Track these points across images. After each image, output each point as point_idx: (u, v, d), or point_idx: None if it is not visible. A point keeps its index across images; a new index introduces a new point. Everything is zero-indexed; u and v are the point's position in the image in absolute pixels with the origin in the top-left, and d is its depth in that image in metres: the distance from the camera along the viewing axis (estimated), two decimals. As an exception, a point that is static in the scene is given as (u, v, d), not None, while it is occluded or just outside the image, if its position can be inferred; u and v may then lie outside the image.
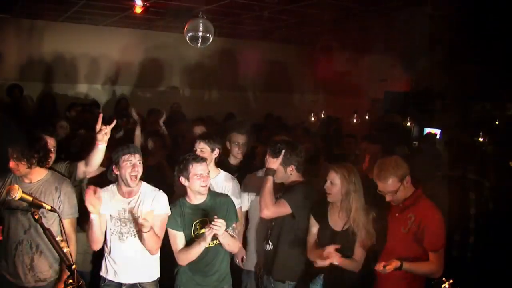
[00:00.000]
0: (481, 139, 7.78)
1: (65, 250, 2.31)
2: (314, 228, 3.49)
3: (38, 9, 7.41)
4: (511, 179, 5.17)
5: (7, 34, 8.12)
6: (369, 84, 12.00)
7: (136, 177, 3.29)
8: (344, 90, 11.22)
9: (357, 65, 11.81)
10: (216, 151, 3.98)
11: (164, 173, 4.80)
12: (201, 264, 3.36)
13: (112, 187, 3.41)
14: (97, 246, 3.29)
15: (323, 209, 3.50)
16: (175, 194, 3.74)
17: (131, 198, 3.36)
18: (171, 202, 3.45)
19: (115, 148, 3.38)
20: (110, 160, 3.39)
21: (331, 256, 3.16)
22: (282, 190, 3.65)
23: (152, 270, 3.47)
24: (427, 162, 5.39)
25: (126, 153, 3.29)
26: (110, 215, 3.34)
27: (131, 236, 3.33)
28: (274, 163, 3.54)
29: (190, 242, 3.32)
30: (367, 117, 11.06)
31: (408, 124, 9.28)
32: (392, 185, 3.17)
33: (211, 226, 3.05)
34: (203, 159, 3.39)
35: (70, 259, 2.31)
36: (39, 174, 3.26)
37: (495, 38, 7.75)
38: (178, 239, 3.34)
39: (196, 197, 3.37)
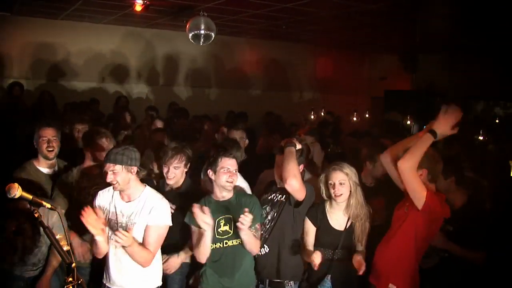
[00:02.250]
0: (481, 138, 7.79)
1: (65, 248, 2.31)
2: (311, 230, 3.50)
3: (38, 7, 7.40)
4: (510, 178, 5.19)
5: (7, 32, 8.11)
6: (369, 82, 12.04)
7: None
8: (344, 88, 11.25)
9: (356, 63, 11.85)
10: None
11: None
12: (224, 263, 3.29)
13: (113, 190, 3.21)
14: (102, 255, 3.18)
15: (321, 211, 3.51)
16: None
17: (130, 202, 3.15)
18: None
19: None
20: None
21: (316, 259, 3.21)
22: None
23: (150, 279, 3.25)
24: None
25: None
26: (108, 219, 3.15)
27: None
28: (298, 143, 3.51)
29: (212, 238, 3.21)
30: (367, 115, 11.09)
31: (408, 122, 9.28)
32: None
33: (240, 219, 3.00)
34: (233, 156, 3.37)
35: (70, 257, 2.31)
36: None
37: (496, 36, 7.76)
38: (197, 235, 3.24)
39: (222, 194, 3.33)
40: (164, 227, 3.16)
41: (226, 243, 3.27)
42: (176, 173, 3.65)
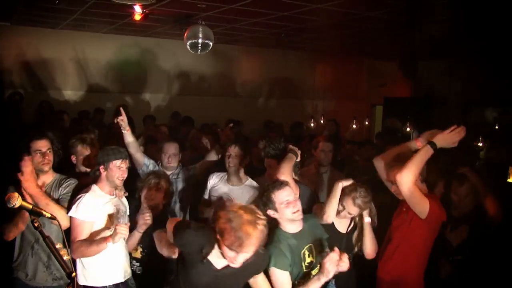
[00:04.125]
0: (480, 144, 7.80)
1: (65, 258, 2.30)
2: None
3: (37, 17, 7.43)
4: (508, 184, 5.19)
5: (6, 41, 8.14)
6: (368, 89, 12.06)
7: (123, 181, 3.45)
8: (343, 95, 11.27)
9: (356, 70, 11.88)
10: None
11: None
12: None
13: (97, 188, 3.40)
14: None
15: None
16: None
17: (112, 196, 3.45)
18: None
19: (105, 151, 3.44)
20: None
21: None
22: None
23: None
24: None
25: (118, 158, 3.37)
26: (109, 215, 3.35)
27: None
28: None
29: (300, 275, 2.97)
30: (366, 123, 11.10)
31: (408, 129, 9.29)
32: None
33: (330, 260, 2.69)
34: (284, 184, 3.05)
35: (70, 266, 2.31)
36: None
37: (495, 42, 7.78)
38: (288, 278, 2.89)
39: (292, 225, 3.04)
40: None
41: (312, 274, 3.00)
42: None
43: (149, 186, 3.75)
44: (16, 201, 2.25)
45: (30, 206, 2.32)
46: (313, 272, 3.01)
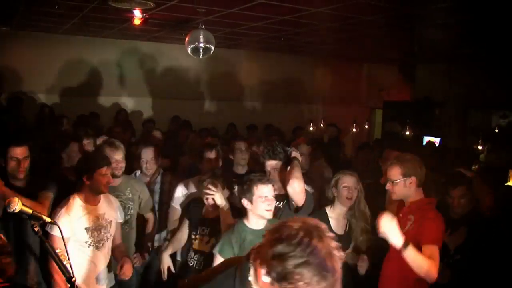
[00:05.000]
0: (480, 147, 7.81)
1: (64, 262, 2.29)
2: None
3: (37, 22, 7.43)
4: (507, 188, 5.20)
5: (6, 46, 8.15)
6: (368, 93, 12.07)
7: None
8: (343, 99, 11.27)
9: (355, 74, 11.89)
10: None
11: None
12: None
13: (76, 200, 3.34)
14: None
15: (322, 217, 3.58)
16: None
17: (98, 204, 3.43)
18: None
19: (91, 157, 3.49)
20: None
21: None
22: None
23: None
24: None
25: (103, 166, 3.34)
26: (85, 228, 3.31)
27: (106, 241, 3.42)
28: None
29: None
30: (366, 126, 11.12)
31: (408, 132, 9.30)
32: (393, 174, 3.24)
33: None
34: (269, 181, 3.15)
35: (70, 271, 2.30)
36: None
37: (495, 46, 7.79)
38: None
39: (258, 221, 3.11)
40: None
41: None
42: None
43: None
44: (16, 205, 2.25)
45: (30, 211, 2.31)
46: None
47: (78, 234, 3.29)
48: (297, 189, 3.32)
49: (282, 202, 3.55)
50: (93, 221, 3.35)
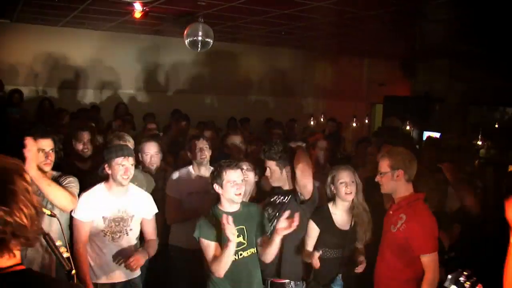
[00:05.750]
0: (479, 143, 7.81)
1: (64, 255, 2.30)
2: (314, 232, 3.53)
3: (38, 14, 7.43)
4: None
5: (7, 39, 8.14)
6: (368, 88, 12.06)
7: (128, 179, 3.36)
8: (343, 94, 11.26)
9: (356, 69, 11.87)
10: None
11: None
12: (240, 275, 3.17)
13: (101, 187, 3.41)
14: None
15: (325, 213, 3.57)
16: None
17: (123, 197, 3.42)
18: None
19: (109, 148, 3.45)
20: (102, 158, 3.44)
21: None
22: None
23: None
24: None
25: (119, 156, 3.32)
26: (103, 217, 3.35)
27: (124, 234, 3.40)
28: None
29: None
30: (366, 121, 11.11)
31: (408, 128, 9.30)
32: (383, 166, 3.26)
33: (292, 225, 2.98)
34: (237, 166, 3.23)
35: (70, 264, 2.30)
36: None
37: (495, 42, 7.77)
38: (212, 249, 3.11)
39: (231, 205, 3.22)
40: (155, 214, 3.63)
41: (241, 254, 3.18)
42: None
43: None
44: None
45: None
46: (244, 253, 3.20)
47: (96, 221, 3.33)
48: (306, 180, 3.43)
49: (287, 197, 3.58)
50: (113, 212, 3.36)
